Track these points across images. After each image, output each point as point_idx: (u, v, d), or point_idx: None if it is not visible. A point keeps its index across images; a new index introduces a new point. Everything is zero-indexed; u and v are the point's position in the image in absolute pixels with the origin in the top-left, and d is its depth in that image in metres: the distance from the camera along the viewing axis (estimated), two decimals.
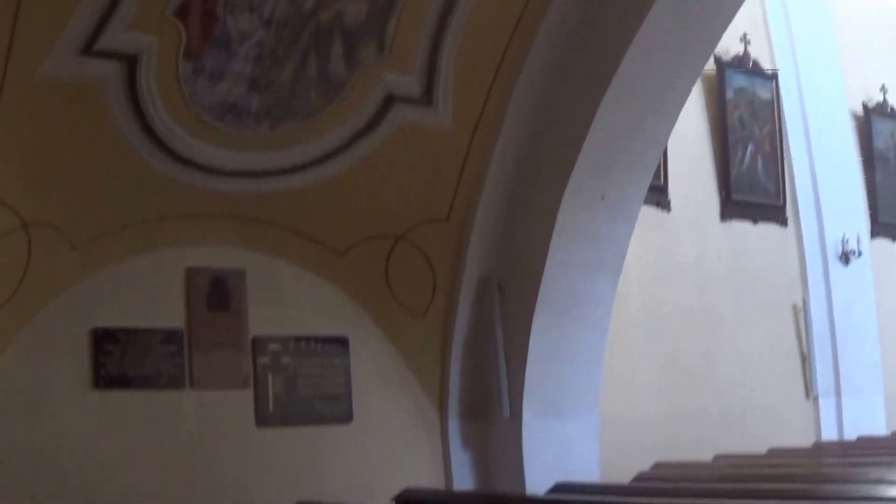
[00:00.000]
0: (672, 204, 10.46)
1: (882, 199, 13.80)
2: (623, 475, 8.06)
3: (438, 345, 7.91)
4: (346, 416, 7.78)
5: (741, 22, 9.77)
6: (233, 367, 7.38)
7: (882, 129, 13.88)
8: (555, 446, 7.78)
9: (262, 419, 7.48)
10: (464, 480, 7.94)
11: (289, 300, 7.68)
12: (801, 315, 11.83)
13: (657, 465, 8.55)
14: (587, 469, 7.88)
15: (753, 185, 11.55)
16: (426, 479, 7.83)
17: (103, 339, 6.98)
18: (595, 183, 7.54)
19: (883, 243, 13.79)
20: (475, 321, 7.80)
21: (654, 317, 10.15)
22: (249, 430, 7.44)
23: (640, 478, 8.06)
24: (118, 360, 6.99)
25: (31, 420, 6.67)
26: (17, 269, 6.42)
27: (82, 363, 6.92)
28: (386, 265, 7.79)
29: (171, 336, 7.20)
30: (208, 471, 7.22)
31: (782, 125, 11.96)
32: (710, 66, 10.89)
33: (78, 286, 6.95)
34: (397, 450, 7.95)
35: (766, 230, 11.67)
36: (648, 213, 9.74)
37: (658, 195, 10.18)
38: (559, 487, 7.21)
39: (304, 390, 7.63)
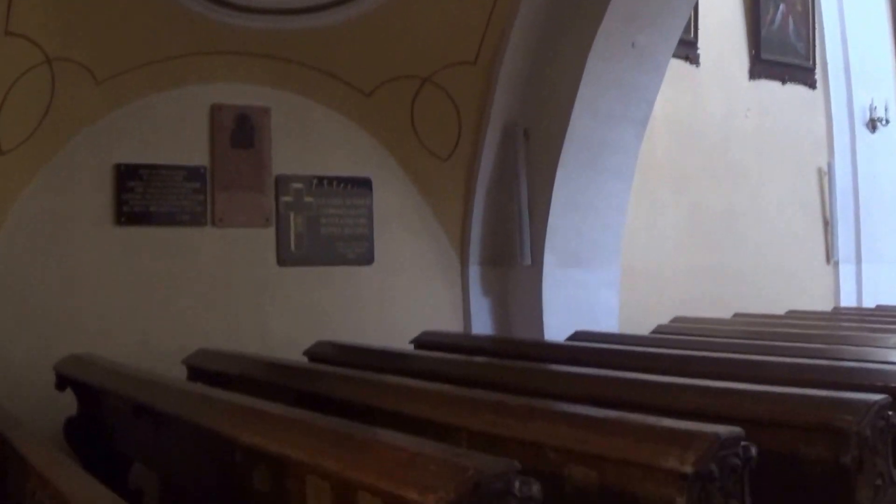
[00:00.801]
0: (701, 59, 10.36)
1: None
2: (642, 327, 8.30)
3: (462, 190, 7.90)
4: (367, 258, 7.86)
5: None
6: (255, 205, 7.46)
7: None
8: (575, 296, 7.81)
9: (284, 258, 7.57)
10: (482, 326, 8.01)
11: (313, 140, 7.71)
12: (826, 179, 11.79)
13: (676, 319, 8.78)
14: (606, 319, 7.92)
15: (784, 46, 11.41)
16: (445, 323, 7.94)
17: (126, 176, 7.05)
18: (625, 30, 7.43)
19: None
20: (499, 167, 7.78)
21: (679, 171, 10.13)
22: (270, 269, 7.55)
23: (659, 330, 8.29)
24: (140, 196, 7.08)
25: (52, 254, 6.79)
26: (41, 104, 6.42)
27: (105, 199, 7.02)
28: (412, 107, 7.76)
29: (194, 173, 7.26)
30: (228, 308, 7.34)
31: None
32: None
33: (101, 122, 7.00)
34: (417, 293, 8.04)
35: (795, 91, 11.57)
36: (678, 67, 9.69)
37: (688, 49, 10.11)
38: (578, 336, 7.34)
39: (326, 230, 7.69)
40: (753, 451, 3.29)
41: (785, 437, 3.91)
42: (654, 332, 8.23)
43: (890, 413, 3.88)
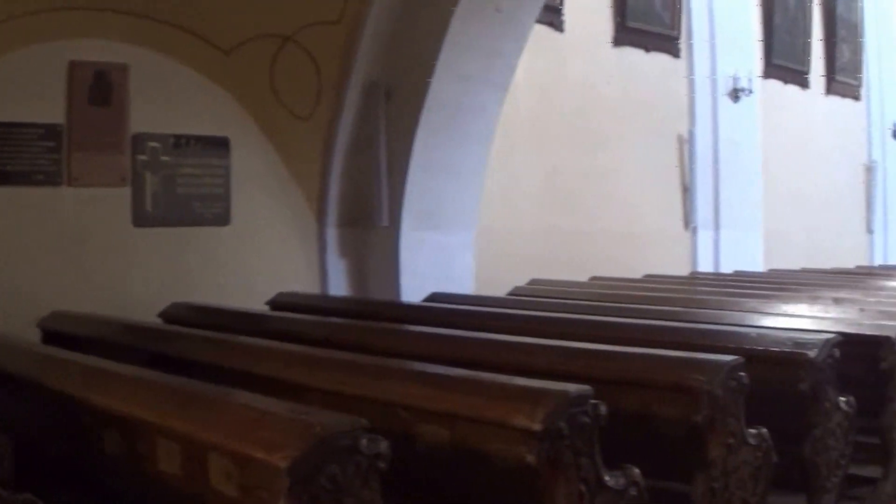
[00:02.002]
0: (566, 25, 10.58)
1: (777, 41, 14.22)
2: (499, 289, 8.39)
3: (320, 150, 7.96)
4: (223, 219, 7.87)
5: None
6: (111, 164, 7.37)
7: None
8: (432, 257, 7.98)
9: (140, 218, 7.52)
10: (339, 287, 8.10)
11: (171, 98, 7.64)
12: (686, 147, 12.19)
13: (533, 281, 8.92)
14: (463, 281, 8.11)
15: (649, 14, 11.74)
16: (302, 284, 7.99)
17: None
18: None
19: (774, 84, 14.25)
20: (359, 128, 7.86)
21: (539, 135, 10.35)
22: (126, 229, 7.48)
23: (515, 292, 8.42)
24: None
25: None
26: None
27: None
28: (272, 66, 7.77)
29: (50, 131, 7.13)
30: (83, 270, 7.26)
31: None
32: None
33: None
34: (274, 254, 8.07)
35: (659, 59, 11.92)
36: (542, 32, 9.87)
37: (552, 15, 10.31)
38: (435, 297, 7.51)
39: (182, 190, 7.66)
40: (603, 409, 3.41)
41: (638, 396, 4.08)
42: (510, 293, 8.35)
43: (742, 374, 4.08)
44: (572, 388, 3.38)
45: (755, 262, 12.85)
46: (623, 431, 3.81)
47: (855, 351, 5.14)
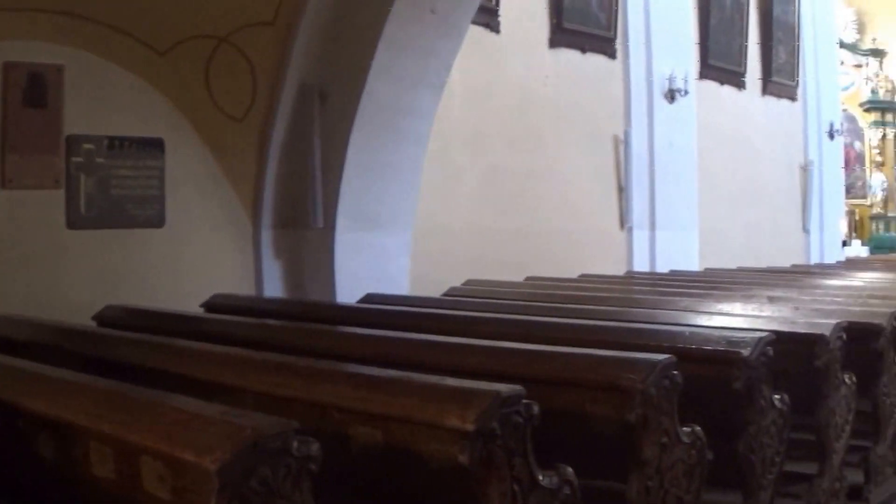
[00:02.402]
0: (502, 26, 10.67)
1: (714, 43, 14.45)
2: (435, 290, 8.46)
3: (255, 151, 7.97)
4: (158, 220, 7.84)
5: None
6: (46, 166, 7.33)
7: None
8: (367, 258, 8.05)
9: (74, 221, 7.48)
10: (275, 289, 8.12)
11: (106, 99, 7.61)
12: (622, 147, 12.34)
13: (468, 282, 8.99)
14: (398, 282, 8.20)
15: (585, 16, 11.86)
16: (237, 286, 8.00)
17: None
18: None
19: (710, 85, 14.47)
20: (294, 129, 7.89)
21: (476, 136, 10.45)
22: (60, 232, 7.45)
23: (450, 292, 8.49)
24: None
25: None
26: None
27: None
28: (207, 67, 7.77)
29: None
30: (17, 273, 7.21)
31: None
32: None
33: None
34: (209, 256, 8.08)
35: (595, 60, 12.06)
36: (478, 34, 9.98)
37: (489, 16, 10.40)
38: (370, 298, 7.55)
39: (116, 192, 7.63)
40: (535, 409, 3.44)
41: (572, 396, 4.12)
42: (445, 294, 8.40)
43: (675, 373, 4.12)
44: (504, 388, 3.40)
45: (691, 262, 13.04)
46: (558, 431, 3.89)
47: (789, 349, 5.24)
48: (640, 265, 12.52)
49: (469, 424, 3.25)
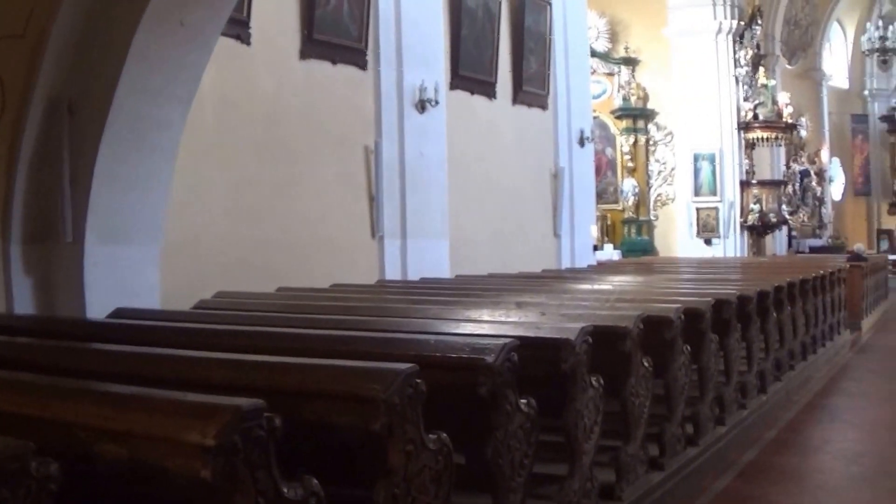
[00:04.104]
0: (253, 38, 10.93)
1: (465, 53, 15.03)
2: (186, 303, 8.69)
3: (3, 166, 7.91)
4: None
5: None
6: None
7: None
8: (117, 272, 8.09)
9: None
10: (26, 305, 8.05)
11: None
12: (373, 157, 12.68)
13: (219, 294, 9.21)
14: (149, 295, 8.28)
15: (336, 27, 12.23)
16: None
17: None
18: (175, 8, 7.83)
19: (461, 95, 15.06)
20: (44, 143, 7.90)
21: (226, 147, 10.63)
22: None
23: (201, 305, 8.68)
24: None
25: None
26: None
27: None
28: None
29: None
30: None
31: None
32: None
33: None
34: None
35: (346, 71, 12.43)
36: (228, 45, 10.26)
37: (239, 28, 10.65)
38: (119, 313, 7.68)
39: None
40: (277, 422, 3.49)
41: (318, 407, 4.24)
42: (195, 307, 8.58)
43: (419, 381, 4.23)
44: (245, 402, 3.46)
45: (442, 269, 13.53)
46: (306, 442, 4.10)
47: (536, 354, 5.48)
48: (392, 273, 12.84)
49: (210, 440, 3.31)
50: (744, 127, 27.21)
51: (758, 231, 27.74)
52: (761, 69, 28.08)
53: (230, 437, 3.34)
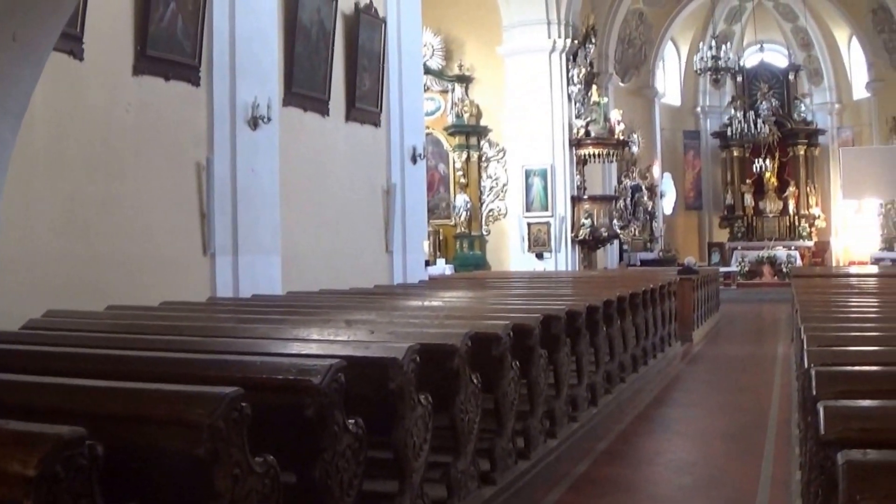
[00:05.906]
0: (86, 53, 10.97)
1: (298, 70, 15.28)
2: (17, 322, 8.61)
3: None
4: None
5: None
6: None
7: (309, 2, 15.34)
8: None
9: None
10: None
11: None
12: (204, 174, 12.81)
13: (49, 313, 9.14)
14: None
15: (171, 43, 12.33)
16: None
17: None
18: (6, 22, 7.75)
19: (294, 112, 15.28)
20: None
21: (56, 163, 10.62)
22: None
23: (30, 325, 8.59)
24: None
25: None
26: None
27: None
28: None
29: None
30: None
31: None
32: None
33: None
34: None
35: (178, 88, 12.53)
36: (60, 61, 10.34)
37: (72, 43, 10.68)
38: None
39: None
40: (100, 449, 3.53)
41: (144, 432, 4.25)
42: (24, 326, 8.49)
43: (244, 405, 4.28)
44: (66, 430, 3.45)
45: (274, 286, 13.72)
46: (135, 467, 4.16)
47: (364, 373, 5.66)
48: (224, 290, 12.95)
49: (31, 470, 3.30)
50: (576, 143, 27.96)
51: (589, 245, 28.49)
52: (594, 87, 28.97)
53: (52, 466, 3.37)
